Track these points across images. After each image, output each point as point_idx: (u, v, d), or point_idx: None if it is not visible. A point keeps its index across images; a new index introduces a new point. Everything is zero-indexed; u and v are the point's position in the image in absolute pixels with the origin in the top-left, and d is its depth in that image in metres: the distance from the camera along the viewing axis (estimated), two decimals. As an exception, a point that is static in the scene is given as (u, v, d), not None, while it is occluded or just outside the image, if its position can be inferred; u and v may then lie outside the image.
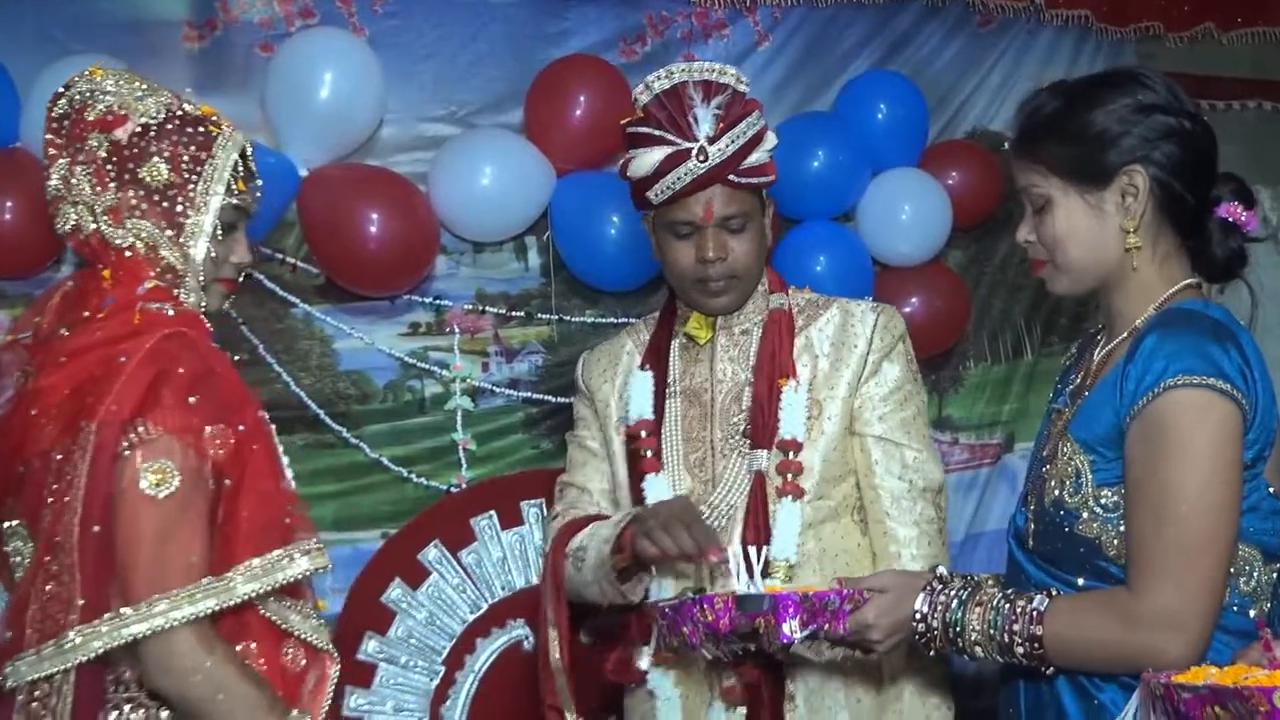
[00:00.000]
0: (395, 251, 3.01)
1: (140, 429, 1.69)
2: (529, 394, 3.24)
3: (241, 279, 1.99)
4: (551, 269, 3.28)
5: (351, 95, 2.98)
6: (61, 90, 1.88)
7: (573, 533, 2.31)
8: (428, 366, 3.18)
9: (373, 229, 2.96)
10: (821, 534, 2.23)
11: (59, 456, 1.73)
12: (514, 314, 3.26)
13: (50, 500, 1.72)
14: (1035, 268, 1.91)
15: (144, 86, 1.87)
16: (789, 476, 2.21)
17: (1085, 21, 3.84)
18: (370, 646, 2.96)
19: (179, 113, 1.85)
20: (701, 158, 2.18)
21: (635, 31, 3.37)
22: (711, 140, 2.18)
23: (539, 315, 3.28)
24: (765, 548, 2.10)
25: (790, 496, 2.20)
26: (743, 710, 2.17)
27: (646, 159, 2.22)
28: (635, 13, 3.36)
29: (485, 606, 3.04)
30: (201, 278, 1.86)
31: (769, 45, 3.55)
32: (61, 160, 1.84)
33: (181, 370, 1.72)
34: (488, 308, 3.23)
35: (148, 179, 1.81)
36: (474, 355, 3.24)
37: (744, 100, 2.23)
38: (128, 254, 1.82)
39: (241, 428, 1.77)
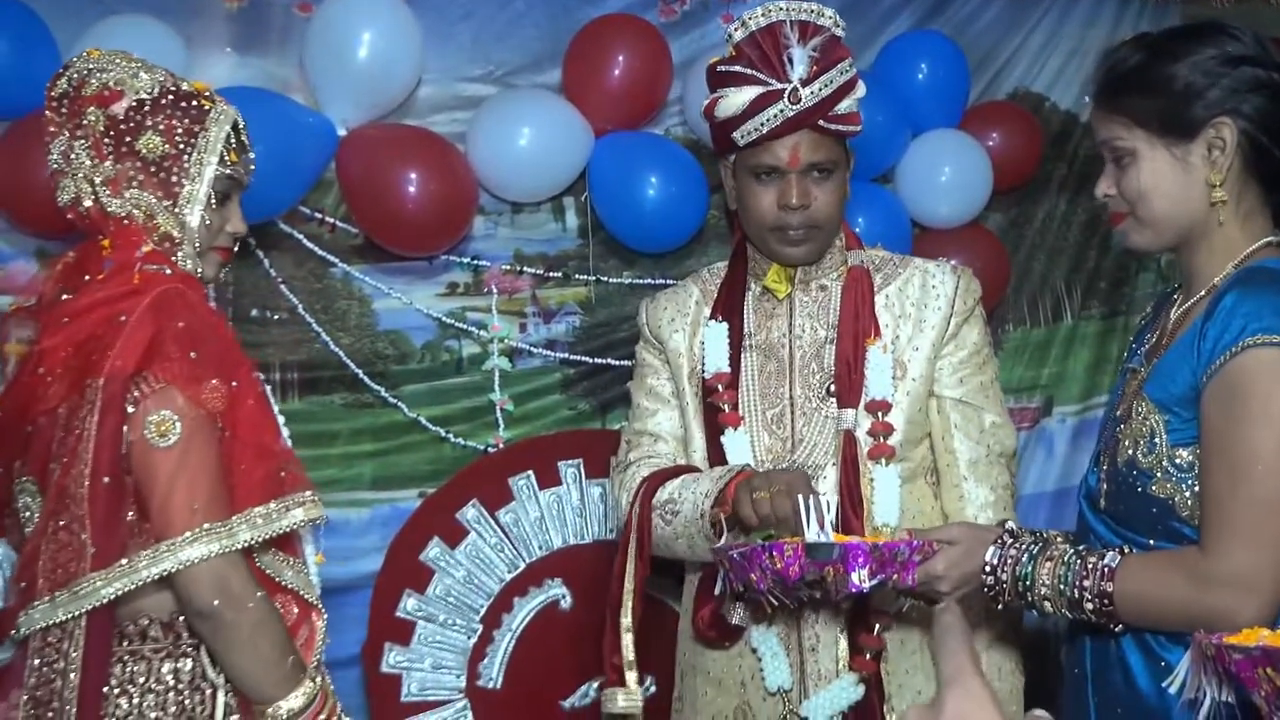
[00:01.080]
0: (433, 212, 3.00)
1: (144, 382, 1.76)
2: (566, 355, 3.25)
3: (236, 248, 2.05)
4: (589, 229, 3.28)
5: (390, 55, 2.97)
6: (61, 71, 1.96)
7: (658, 484, 2.24)
8: (465, 327, 3.20)
9: (411, 189, 2.96)
10: (901, 496, 2.21)
11: (65, 412, 1.80)
12: (551, 275, 3.26)
13: (59, 454, 1.79)
14: (1115, 220, 1.87)
15: (139, 64, 1.94)
16: (881, 438, 2.19)
17: (1130, -18, 3.80)
18: (409, 604, 2.98)
19: (172, 89, 1.92)
20: (794, 99, 2.13)
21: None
22: (805, 82, 2.13)
23: (576, 276, 3.28)
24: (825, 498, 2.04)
25: (884, 459, 2.18)
26: (854, 675, 2.15)
27: (736, 98, 2.18)
28: (675, -28, 3.34)
29: (523, 566, 3.05)
30: (198, 244, 1.92)
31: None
32: (61, 136, 1.91)
33: (181, 325, 1.79)
34: (525, 268, 3.24)
35: (144, 151, 1.87)
36: (511, 316, 3.25)
37: (839, 45, 2.19)
38: (125, 222, 1.89)
39: (235, 384, 1.83)
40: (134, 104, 1.87)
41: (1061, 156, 3.86)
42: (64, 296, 1.89)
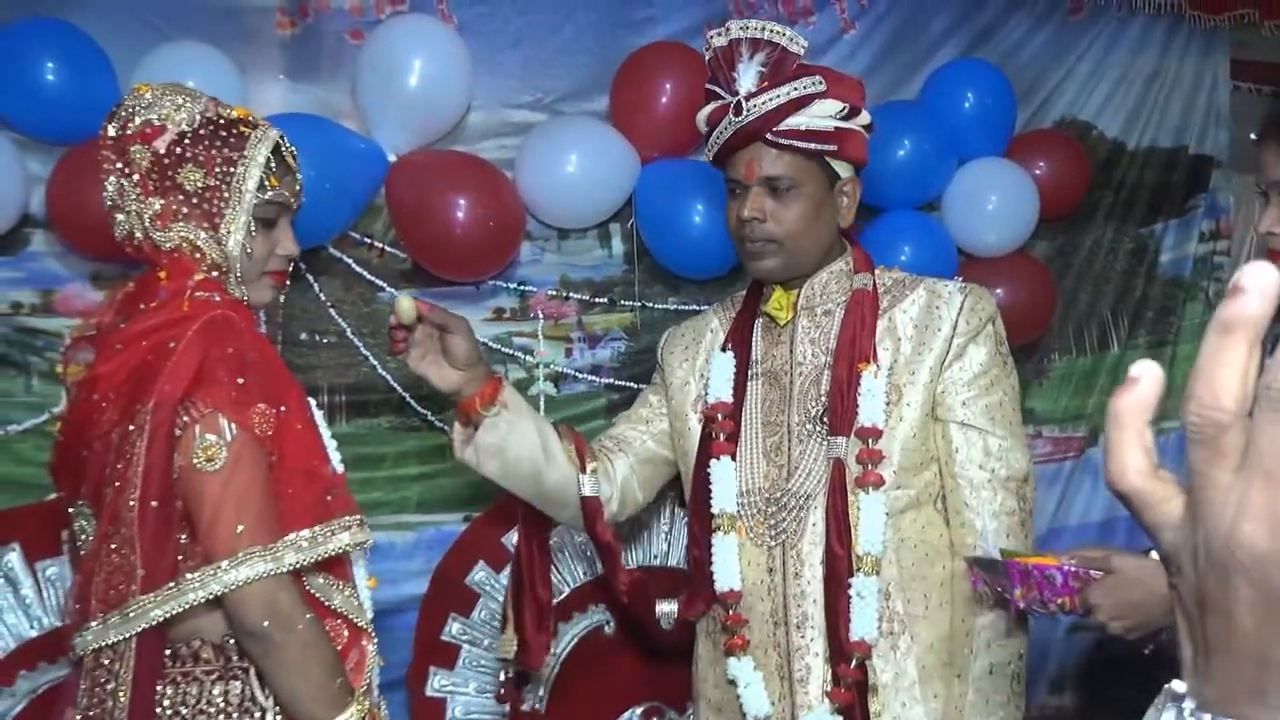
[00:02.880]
0: (481, 237, 3.02)
1: (192, 408, 1.78)
2: (611, 380, 3.26)
3: (290, 269, 2.05)
4: (635, 256, 3.30)
5: (440, 82, 3.00)
6: (112, 110, 1.98)
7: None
8: (512, 351, 3.21)
9: (459, 214, 2.98)
10: (900, 524, 2.17)
11: (117, 437, 1.82)
12: (597, 300, 3.28)
13: (112, 478, 1.81)
14: (1275, 256, 1.86)
15: (185, 96, 1.95)
16: (869, 465, 2.15)
17: (1178, 9, 3.81)
18: (454, 628, 2.98)
19: (212, 119, 1.92)
20: (736, 112, 2.14)
21: (720, 18, 3.37)
22: (750, 96, 2.13)
23: (622, 302, 3.30)
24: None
25: (871, 487, 2.14)
26: (830, 705, 2.15)
27: (701, 114, 2.24)
28: (721, 0, 3.35)
29: (567, 591, 3.04)
30: (239, 271, 1.93)
31: (855, 33, 3.55)
32: (112, 174, 1.94)
33: (229, 351, 1.81)
34: (571, 294, 3.26)
35: (185, 184, 1.89)
36: (557, 341, 3.27)
37: (796, 62, 2.15)
38: (176, 255, 1.91)
39: (283, 408, 1.85)
40: (175, 137, 1.89)
41: (1108, 184, 3.86)
42: (121, 325, 1.92)
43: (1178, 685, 0.65)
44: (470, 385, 2.15)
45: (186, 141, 1.89)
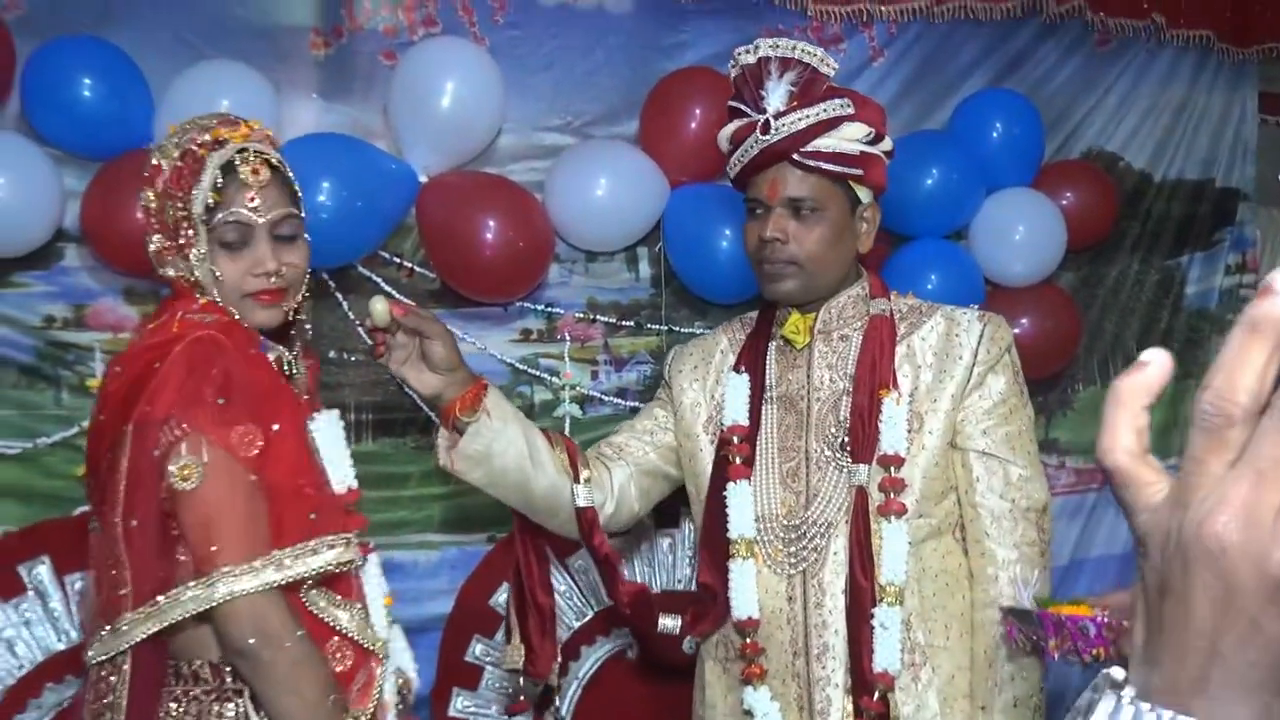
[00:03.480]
0: (510, 259, 3.03)
1: (172, 428, 1.79)
2: (637, 403, 3.23)
3: (273, 283, 1.97)
4: (663, 279, 3.30)
5: (472, 104, 3.01)
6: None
7: None
8: (538, 373, 3.22)
9: (489, 236, 2.99)
10: (921, 553, 2.16)
11: (111, 455, 1.85)
12: (624, 323, 3.28)
13: (106, 495, 1.85)
14: None
15: (180, 136, 1.94)
16: (891, 493, 2.14)
17: (1207, 42, 3.80)
18: (477, 649, 2.98)
19: (189, 149, 1.92)
20: (764, 131, 2.14)
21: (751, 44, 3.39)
22: (779, 115, 2.13)
23: (649, 325, 3.30)
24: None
25: (894, 515, 2.13)
26: None
27: (724, 132, 2.23)
28: (752, 26, 3.35)
29: (591, 614, 3.04)
30: (218, 297, 1.93)
31: (884, 61, 3.55)
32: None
33: (213, 371, 1.81)
34: (598, 316, 3.26)
35: (168, 220, 1.92)
36: (584, 363, 3.27)
37: (826, 84, 2.17)
38: (182, 282, 1.95)
39: (276, 427, 1.84)
40: (168, 176, 1.91)
41: (1135, 216, 3.85)
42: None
43: (1116, 672, 0.66)
44: (451, 390, 2.12)
45: (170, 177, 1.91)
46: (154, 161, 1.94)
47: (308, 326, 2.11)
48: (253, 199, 1.91)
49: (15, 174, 2.77)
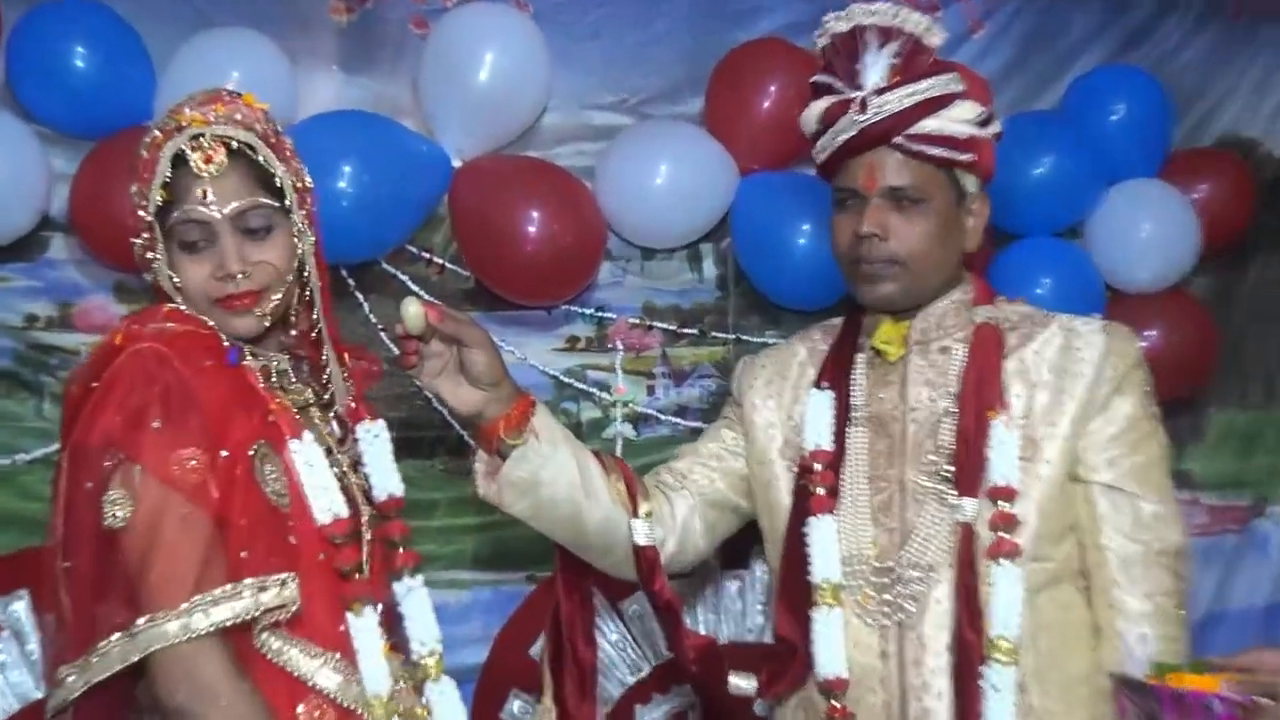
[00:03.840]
0: (555, 255, 2.98)
1: (107, 455, 1.74)
2: (698, 423, 3.17)
3: (241, 286, 1.89)
4: (729, 281, 3.27)
5: (513, 78, 2.98)
6: None
7: None
8: (586, 387, 3.19)
9: (531, 229, 2.95)
10: (1037, 604, 2.06)
11: (53, 487, 1.83)
12: (685, 331, 3.25)
13: (50, 535, 1.82)
14: None
15: (164, 118, 1.91)
16: (1003, 532, 2.04)
17: (1360, 9, 3.73)
18: (514, 707, 2.93)
19: (156, 135, 1.88)
20: (862, 109, 2.07)
21: (837, 11, 3.36)
22: (879, 92, 2.07)
23: (713, 334, 3.27)
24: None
25: (1006, 557, 2.03)
26: None
27: (812, 110, 2.16)
28: (835, -11, 3.31)
29: (647, 669, 3.00)
30: (183, 304, 1.89)
31: (985, 33, 3.52)
32: None
33: (154, 389, 1.76)
34: (655, 323, 3.23)
35: (139, 218, 1.88)
36: (638, 376, 3.24)
37: (933, 56, 2.11)
38: (159, 288, 1.92)
39: (224, 453, 1.78)
40: (137, 168, 1.88)
41: (1277, 210, 3.82)
42: None
43: None
44: (493, 407, 2.02)
45: (136, 170, 1.89)
46: (140, 150, 1.90)
47: (323, 327, 2.03)
48: (204, 192, 1.85)
49: None
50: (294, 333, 2.01)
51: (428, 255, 3.07)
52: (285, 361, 1.97)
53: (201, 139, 1.85)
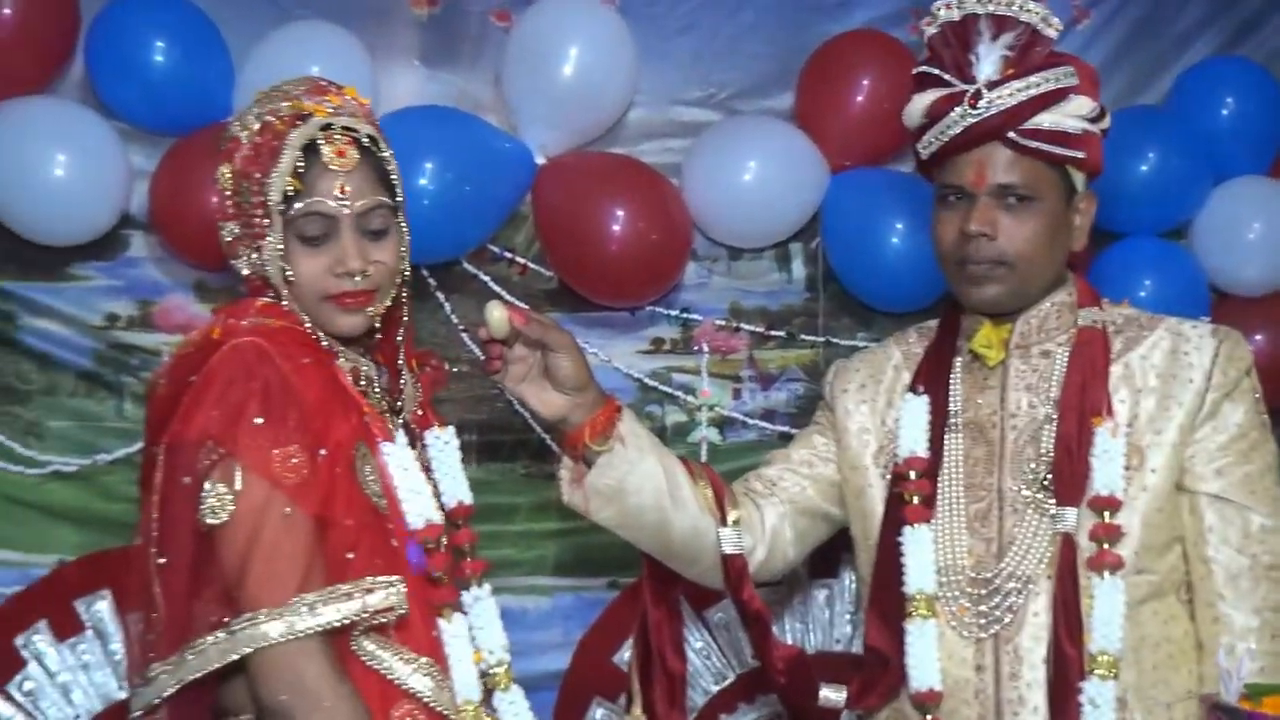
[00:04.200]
0: (640, 255, 3.00)
1: (207, 452, 1.76)
2: (786, 428, 3.17)
3: (358, 284, 1.91)
4: (820, 282, 3.26)
5: (599, 73, 3.00)
6: None
7: None
8: (670, 390, 3.19)
9: (615, 227, 2.97)
10: (1140, 618, 2.07)
11: (146, 483, 1.85)
12: (773, 333, 3.24)
13: (140, 528, 1.84)
14: None
15: (261, 105, 1.92)
16: (1106, 543, 2.05)
17: None
18: (597, 715, 2.95)
19: (268, 121, 1.89)
20: (973, 103, 2.07)
21: (930, 4, 3.32)
22: (992, 85, 2.07)
23: (802, 336, 3.26)
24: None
25: (1108, 570, 2.04)
26: None
27: (917, 103, 2.16)
28: (930, -21, 3.30)
29: (732, 677, 2.99)
30: (288, 298, 1.90)
31: (1089, 24, 3.48)
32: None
33: (253, 385, 1.78)
34: (743, 324, 3.23)
35: (244, 204, 1.89)
36: (724, 380, 3.24)
37: (1050, 48, 2.12)
38: (254, 278, 1.93)
39: (323, 452, 1.81)
40: (246, 153, 1.89)
41: None
42: None
43: None
44: (578, 413, 2.06)
45: (246, 156, 1.89)
46: (232, 134, 1.92)
47: (403, 331, 2.07)
48: (338, 187, 1.87)
49: (77, 151, 2.84)
50: (378, 336, 2.03)
51: (510, 255, 3.09)
52: (370, 365, 1.99)
53: (333, 130, 1.87)
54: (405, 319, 2.03)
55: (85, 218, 2.88)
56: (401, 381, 2.03)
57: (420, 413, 2.04)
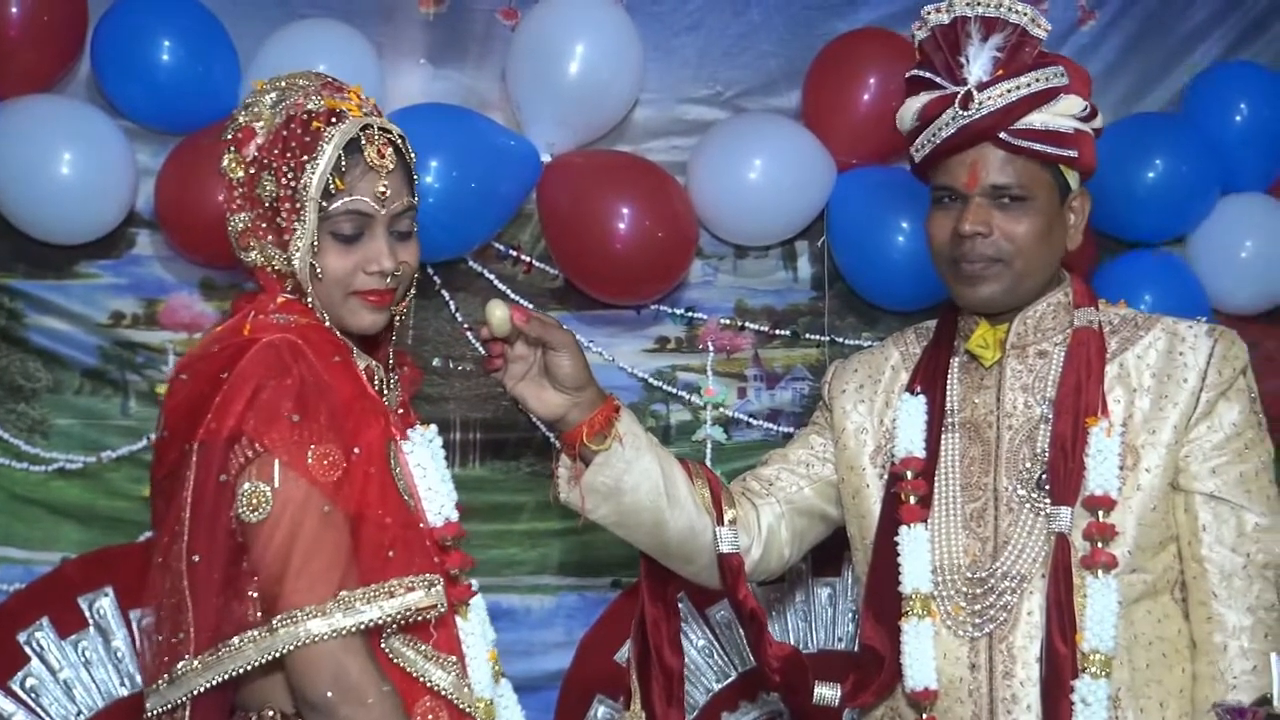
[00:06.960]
0: (645, 253, 3.02)
1: (242, 449, 1.76)
2: (792, 428, 3.16)
3: (387, 283, 1.92)
4: (825, 281, 3.26)
5: (605, 71, 3.01)
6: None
7: None
8: (675, 390, 3.20)
9: (621, 225, 2.98)
10: (1133, 616, 2.09)
11: (172, 480, 1.84)
12: (778, 332, 3.25)
13: (166, 526, 1.83)
14: None
15: (278, 93, 1.92)
16: (1099, 543, 2.07)
17: None
18: (599, 712, 2.94)
19: (295, 114, 1.88)
20: (965, 105, 2.09)
21: (936, 2, 3.32)
22: (982, 86, 2.09)
23: (808, 335, 3.26)
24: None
25: (1102, 569, 2.05)
26: None
27: (910, 107, 2.18)
28: (937, -22, 3.31)
29: (734, 675, 2.99)
30: (314, 294, 1.90)
31: (1094, 24, 3.46)
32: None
33: (287, 382, 1.78)
34: (748, 323, 3.23)
35: (262, 196, 1.87)
36: (729, 379, 3.24)
37: (1039, 48, 2.13)
38: (268, 272, 1.92)
39: (357, 450, 1.81)
40: (262, 142, 1.88)
41: None
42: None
43: None
44: (577, 412, 2.08)
45: (267, 145, 1.88)
46: (243, 122, 1.90)
47: (399, 330, 2.07)
48: (379, 188, 1.89)
49: (83, 148, 2.86)
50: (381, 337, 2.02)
51: (515, 252, 3.10)
52: (378, 365, 1.99)
53: (372, 130, 1.88)
54: (399, 320, 2.03)
55: (91, 216, 2.88)
56: (394, 380, 2.04)
57: (402, 411, 2.02)
